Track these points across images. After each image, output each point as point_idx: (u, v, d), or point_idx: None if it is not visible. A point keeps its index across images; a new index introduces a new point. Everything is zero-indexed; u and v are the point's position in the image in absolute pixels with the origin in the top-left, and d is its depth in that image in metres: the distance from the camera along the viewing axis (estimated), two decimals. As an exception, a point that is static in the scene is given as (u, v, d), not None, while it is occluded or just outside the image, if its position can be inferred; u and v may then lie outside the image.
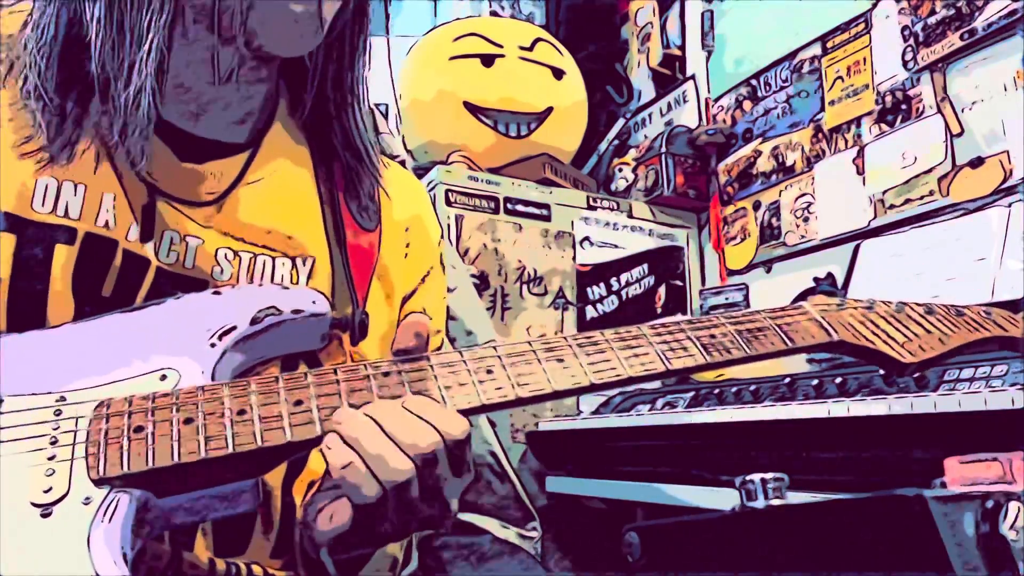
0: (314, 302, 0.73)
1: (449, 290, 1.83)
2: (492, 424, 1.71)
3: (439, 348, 0.96)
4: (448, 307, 1.80)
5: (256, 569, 0.75)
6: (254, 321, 0.70)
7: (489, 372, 0.67)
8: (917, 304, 0.82)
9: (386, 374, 0.65)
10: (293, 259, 0.79)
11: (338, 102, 0.84)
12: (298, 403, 0.62)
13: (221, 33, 0.74)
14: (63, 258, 0.70)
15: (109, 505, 0.56)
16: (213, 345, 0.67)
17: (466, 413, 0.65)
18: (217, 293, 0.72)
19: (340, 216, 0.83)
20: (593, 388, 0.68)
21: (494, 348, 0.69)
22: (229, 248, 0.76)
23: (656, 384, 1.99)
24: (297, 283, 0.79)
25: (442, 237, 0.98)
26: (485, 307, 2.33)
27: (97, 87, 0.72)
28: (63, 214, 0.71)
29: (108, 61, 0.71)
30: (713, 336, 0.73)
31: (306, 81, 0.84)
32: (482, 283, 2.37)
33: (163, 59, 0.72)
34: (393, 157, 2.25)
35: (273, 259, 0.78)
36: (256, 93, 0.80)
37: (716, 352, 0.71)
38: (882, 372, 1.45)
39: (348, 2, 0.80)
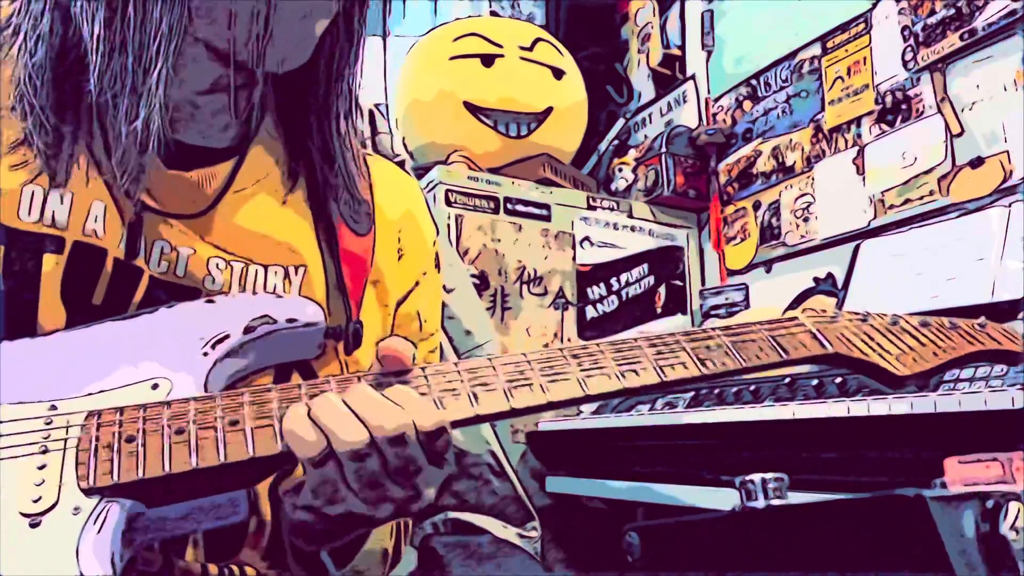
0: (308, 311, 0.73)
1: (448, 290, 1.84)
2: (492, 425, 1.70)
3: (435, 350, 0.96)
4: (448, 307, 1.80)
5: (249, 571, 0.75)
6: (248, 330, 0.69)
7: (484, 384, 0.67)
8: (911, 317, 0.83)
9: (379, 384, 0.65)
10: (285, 268, 0.79)
11: (321, 111, 0.83)
12: None
13: (235, 59, 0.74)
14: (52, 267, 0.70)
15: (99, 515, 0.56)
16: (206, 354, 0.67)
17: (459, 424, 0.65)
18: (210, 302, 0.72)
19: (332, 222, 0.82)
20: (588, 399, 0.69)
21: (488, 359, 0.68)
22: (221, 257, 0.76)
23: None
24: (290, 292, 0.78)
25: (438, 234, 0.97)
26: (485, 307, 2.33)
27: (95, 111, 0.71)
28: (50, 223, 0.71)
29: (108, 86, 0.70)
30: (708, 348, 0.73)
31: (294, 90, 0.83)
32: (482, 283, 2.37)
33: (167, 87, 0.70)
34: (393, 157, 2.25)
35: (265, 268, 0.78)
36: (242, 99, 0.79)
37: (711, 364, 0.71)
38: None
39: (338, 16, 0.79)
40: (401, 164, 1.25)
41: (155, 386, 0.65)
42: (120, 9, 0.69)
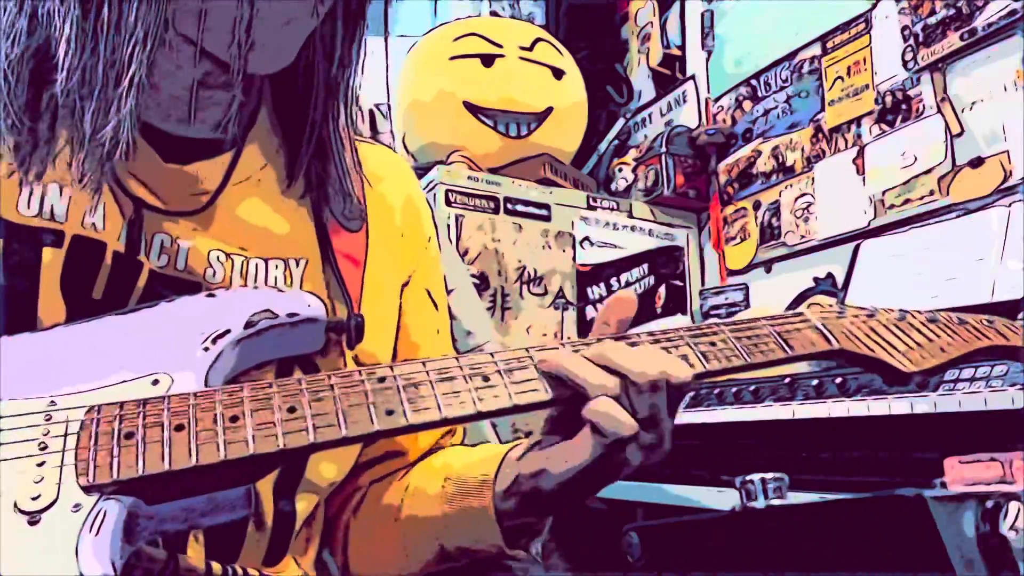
0: (309, 305, 0.72)
1: (448, 290, 1.83)
2: (493, 424, 1.70)
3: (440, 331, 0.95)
4: (448, 306, 1.79)
5: (252, 572, 0.74)
6: (248, 325, 0.69)
7: (485, 380, 0.66)
8: (919, 312, 0.82)
9: (381, 379, 0.65)
10: (286, 261, 0.78)
11: (318, 108, 0.82)
12: (291, 410, 0.62)
13: (218, 60, 0.73)
14: (51, 260, 0.69)
15: (98, 513, 0.55)
16: (207, 349, 0.66)
17: (462, 421, 0.65)
18: (211, 296, 0.71)
19: (322, 220, 0.82)
20: None
21: (491, 355, 0.68)
22: (221, 250, 0.75)
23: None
24: (291, 286, 0.78)
25: (433, 213, 0.97)
26: (485, 307, 2.32)
27: (60, 112, 0.69)
28: (49, 216, 0.71)
29: (76, 88, 0.68)
30: (713, 344, 0.71)
31: (291, 87, 0.83)
32: (482, 283, 2.37)
33: (141, 93, 0.69)
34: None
35: (266, 261, 0.77)
36: (233, 96, 0.78)
37: (716, 361, 0.71)
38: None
39: (332, 15, 0.78)
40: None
41: (155, 381, 0.64)
42: (95, 10, 0.68)
